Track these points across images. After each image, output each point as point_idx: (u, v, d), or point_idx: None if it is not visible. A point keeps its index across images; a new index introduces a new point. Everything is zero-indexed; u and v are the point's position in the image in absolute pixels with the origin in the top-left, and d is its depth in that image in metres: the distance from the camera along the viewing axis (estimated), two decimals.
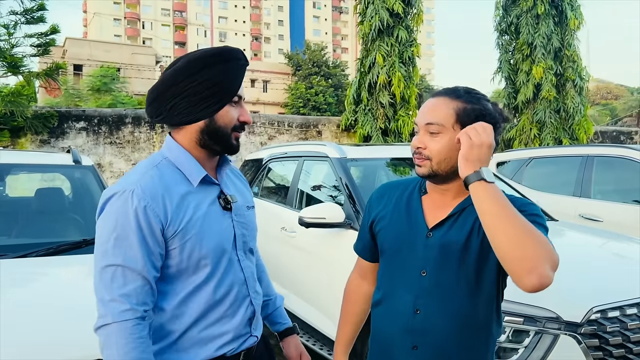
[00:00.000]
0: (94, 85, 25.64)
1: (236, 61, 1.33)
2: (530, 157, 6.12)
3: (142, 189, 1.24)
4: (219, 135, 1.33)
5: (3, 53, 6.33)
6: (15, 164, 3.43)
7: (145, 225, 1.22)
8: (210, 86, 1.29)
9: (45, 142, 8.15)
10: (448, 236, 1.33)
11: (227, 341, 1.35)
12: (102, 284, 1.21)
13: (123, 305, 1.19)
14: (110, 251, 1.21)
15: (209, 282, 1.32)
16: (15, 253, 2.63)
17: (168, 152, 1.35)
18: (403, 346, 1.37)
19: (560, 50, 10.67)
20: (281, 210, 4.29)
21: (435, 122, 1.32)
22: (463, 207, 1.34)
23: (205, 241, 1.29)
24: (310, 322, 3.61)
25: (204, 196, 1.34)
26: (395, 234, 1.41)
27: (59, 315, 2.01)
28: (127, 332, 1.18)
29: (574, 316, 2.23)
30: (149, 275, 1.23)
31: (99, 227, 1.25)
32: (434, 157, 1.32)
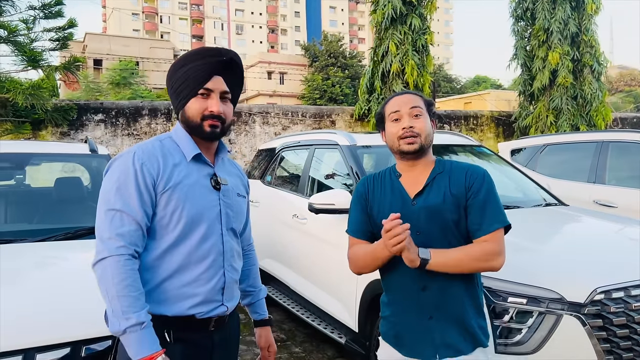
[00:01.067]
0: (114, 79, 26.04)
1: (206, 59, 1.54)
2: (545, 143, 6.07)
3: (142, 151, 1.50)
4: (189, 124, 1.56)
5: (23, 47, 6.51)
6: (34, 153, 3.57)
7: (141, 179, 1.45)
8: (181, 83, 1.55)
9: (65, 134, 8.34)
10: (428, 200, 1.71)
11: (198, 303, 1.51)
12: (103, 225, 1.43)
13: (118, 242, 1.40)
14: (112, 199, 1.44)
15: (186, 242, 1.51)
16: (34, 237, 2.75)
17: (173, 132, 1.62)
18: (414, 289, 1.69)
19: (577, 36, 10.46)
20: (293, 197, 4.37)
21: (418, 106, 1.76)
22: (433, 177, 1.75)
23: (188, 205, 1.50)
24: (321, 306, 3.69)
25: (196, 170, 1.56)
26: (389, 207, 1.73)
27: (76, 293, 2.14)
28: (120, 264, 1.39)
29: (578, 297, 2.25)
30: (142, 222, 1.45)
31: (105, 181, 1.49)
32: (422, 133, 1.72)
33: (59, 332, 1.90)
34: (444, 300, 1.67)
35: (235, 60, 1.59)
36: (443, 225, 1.68)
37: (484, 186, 1.69)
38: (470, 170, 1.72)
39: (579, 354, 2.21)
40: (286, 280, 4.30)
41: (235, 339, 1.73)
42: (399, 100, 1.78)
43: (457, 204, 1.68)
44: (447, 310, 1.67)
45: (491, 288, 2.33)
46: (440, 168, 1.76)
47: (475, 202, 1.68)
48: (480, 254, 1.63)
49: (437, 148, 4.13)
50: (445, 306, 1.67)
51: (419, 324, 1.68)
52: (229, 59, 1.57)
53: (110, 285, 1.38)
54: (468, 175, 1.71)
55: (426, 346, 1.68)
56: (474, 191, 1.68)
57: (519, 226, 3.19)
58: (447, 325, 1.67)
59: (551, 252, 2.75)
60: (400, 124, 1.74)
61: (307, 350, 4.00)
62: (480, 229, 1.66)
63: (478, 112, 12.06)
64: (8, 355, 1.79)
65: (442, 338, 1.67)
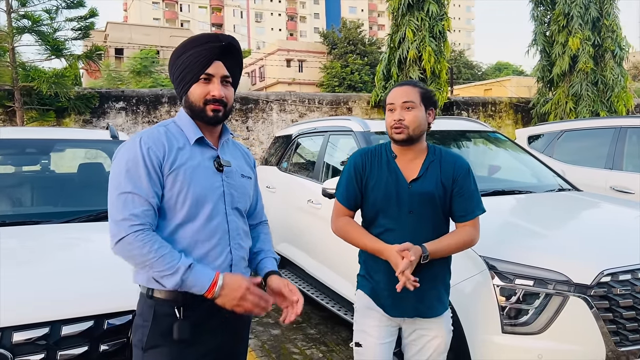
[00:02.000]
0: (135, 68, 26.34)
1: (206, 44, 1.60)
2: (562, 130, 6.02)
3: (147, 136, 1.58)
4: (193, 108, 1.62)
5: (46, 37, 6.68)
6: (57, 139, 3.71)
7: (149, 162, 1.53)
8: (182, 69, 1.61)
9: (88, 121, 8.54)
10: (423, 187, 1.98)
11: None
12: (116, 208, 1.50)
13: (132, 221, 1.48)
14: (123, 182, 1.51)
15: (193, 222, 1.58)
16: (59, 219, 2.89)
17: (177, 118, 1.69)
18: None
19: (598, 20, 10.23)
20: (308, 183, 4.44)
21: (410, 100, 1.97)
22: (427, 165, 2.00)
23: (192, 186, 1.57)
24: (335, 289, 3.78)
25: (199, 153, 1.63)
26: (385, 186, 1.99)
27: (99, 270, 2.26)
28: (140, 237, 1.47)
29: (584, 279, 2.29)
30: (153, 202, 1.53)
31: (114, 167, 1.56)
32: (410, 125, 1.96)
33: (83, 306, 2.02)
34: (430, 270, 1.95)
35: (234, 44, 1.65)
36: (433, 208, 1.98)
37: (469, 178, 2.00)
38: (457, 163, 2.01)
39: (585, 335, 2.25)
40: (301, 263, 4.39)
41: (247, 316, 1.77)
42: (395, 93, 2.01)
43: (446, 191, 1.99)
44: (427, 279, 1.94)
45: (499, 270, 2.38)
46: (432, 156, 2.02)
47: (461, 192, 1.99)
48: (466, 239, 1.97)
49: (452, 134, 4.19)
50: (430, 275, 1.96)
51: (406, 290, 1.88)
52: (227, 44, 1.62)
53: (143, 255, 1.46)
54: (456, 167, 2.00)
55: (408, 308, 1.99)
56: (460, 183, 1.98)
57: (530, 210, 3.25)
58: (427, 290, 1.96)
59: (559, 235, 2.78)
60: (393, 115, 1.98)
61: (322, 332, 4.09)
62: (465, 216, 1.99)
63: (496, 99, 11.94)
64: (36, 326, 1.91)
65: (420, 301, 1.98)
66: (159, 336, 1.54)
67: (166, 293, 1.54)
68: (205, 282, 1.50)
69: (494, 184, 3.93)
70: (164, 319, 1.54)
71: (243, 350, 1.79)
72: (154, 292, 1.56)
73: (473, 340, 2.40)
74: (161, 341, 1.53)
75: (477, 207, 2.01)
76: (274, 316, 4.42)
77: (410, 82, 2.07)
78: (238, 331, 1.73)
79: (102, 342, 2.00)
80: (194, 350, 1.57)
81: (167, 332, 1.53)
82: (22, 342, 1.88)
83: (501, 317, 2.32)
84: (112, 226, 1.49)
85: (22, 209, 3.16)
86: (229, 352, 1.69)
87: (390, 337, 2.05)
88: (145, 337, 1.54)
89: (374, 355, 2.02)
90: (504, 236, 2.75)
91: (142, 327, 1.56)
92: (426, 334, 2.03)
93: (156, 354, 1.53)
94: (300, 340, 3.91)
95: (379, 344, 2.03)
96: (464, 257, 2.50)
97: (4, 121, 7.99)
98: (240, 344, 1.77)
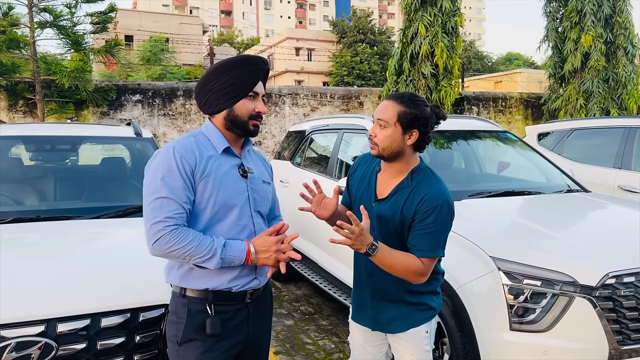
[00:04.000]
0: (144, 56, 26.37)
1: (253, 66, 1.76)
2: (572, 128, 6.07)
3: (180, 146, 1.70)
4: (237, 121, 1.76)
5: (66, 31, 6.81)
6: (86, 136, 3.86)
7: (182, 169, 1.66)
8: (230, 85, 1.73)
9: (105, 114, 8.69)
10: (383, 210, 1.94)
11: (235, 277, 1.73)
12: (152, 211, 1.62)
13: (167, 222, 1.60)
14: (159, 188, 1.63)
15: (223, 222, 1.73)
16: (90, 214, 3.04)
17: (204, 129, 1.82)
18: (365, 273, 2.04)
19: (611, 17, 10.18)
20: (322, 179, 4.54)
21: (383, 119, 1.89)
22: (397, 190, 1.93)
23: (221, 191, 1.71)
24: (347, 282, 3.89)
25: (226, 161, 1.77)
26: (360, 197, 2.03)
27: (134, 264, 2.41)
28: (175, 234, 1.60)
29: (590, 280, 2.39)
30: (185, 206, 1.65)
31: (150, 173, 1.68)
32: (380, 144, 1.90)
33: (121, 299, 2.16)
34: (384, 286, 1.98)
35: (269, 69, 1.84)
36: (389, 234, 1.93)
37: (432, 215, 1.82)
38: (427, 196, 1.84)
39: (589, 334, 2.36)
40: (314, 257, 4.51)
41: (269, 309, 1.95)
42: (379, 106, 1.95)
43: (404, 222, 1.89)
44: (385, 294, 1.99)
45: (508, 270, 2.49)
46: (408, 182, 1.91)
47: (418, 226, 1.85)
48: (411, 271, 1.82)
49: (463, 133, 4.28)
50: (384, 290, 1.99)
51: (366, 301, 2.05)
52: (267, 69, 1.81)
53: (181, 248, 1.60)
54: (423, 200, 1.84)
55: (367, 319, 2.07)
56: (421, 216, 1.84)
57: (539, 212, 3.35)
58: (384, 306, 2.01)
59: (567, 237, 2.88)
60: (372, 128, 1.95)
61: (333, 324, 4.23)
62: (414, 251, 1.85)
63: (507, 94, 11.94)
64: (78, 318, 2.06)
65: (378, 315, 2.03)
66: (193, 331, 1.69)
67: (198, 292, 1.70)
68: (242, 253, 1.68)
69: (503, 184, 4.03)
70: (197, 315, 1.70)
71: (266, 343, 1.95)
72: (187, 291, 1.72)
73: (482, 336, 2.51)
74: (195, 336, 1.69)
75: (430, 249, 1.83)
76: (287, 307, 4.57)
77: (397, 97, 1.92)
78: (262, 325, 1.88)
79: (137, 334, 2.14)
80: (224, 343, 1.72)
81: (201, 328, 1.69)
82: (66, 332, 2.02)
83: (509, 315, 2.43)
84: (148, 229, 1.61)
85: (54, 204, 3.30)
86: (254, 344, 1.84)
87: (375, 342, 2.12)
88: (180, 332, 1.70)
89: (359, 356, 2.16)
90: (513, 237, 2.86)
91: (177, 323, 1.71)
92: (398, 348, 2.04)
93: (190, 348, 1.69)
94: (312, 331, 4.06)
95: (362, 346, 2.14)
96: (473, 258, 2.64)
97: (25, 113, 8.15)
98: (264, 337, 1.92)
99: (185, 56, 31.11)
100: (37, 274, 2.31)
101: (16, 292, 2.11)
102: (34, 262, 2.49)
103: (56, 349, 1.99)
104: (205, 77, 1.77)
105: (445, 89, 9.61)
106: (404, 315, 1.99)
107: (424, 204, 1.84)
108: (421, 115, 1.88)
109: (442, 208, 1.84)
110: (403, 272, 1.83)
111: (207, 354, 1.69)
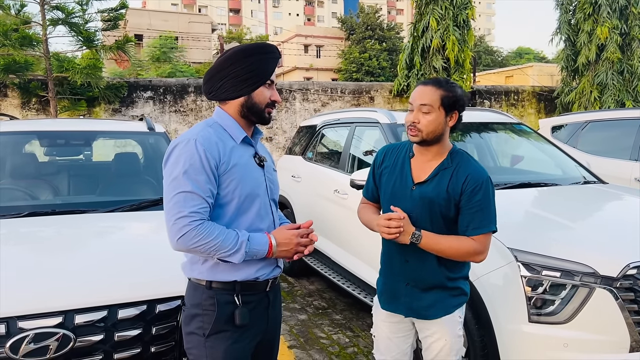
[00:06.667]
0: (154, 54, 26.50)
1: (271, 54, 1.74)
2: (587, 120, 6.01)
3: (202, 138, 1.64)
4: (255, 108, 1.73)
5: (78, 28, 6.85)
6: (100, 131, 3.88)
7: (205, 163, 1.61)
8: (249, 71, 1.69)
9: (117, 110, 8.74)
10: (426, 191, 1.95)
11: (261, 267, 1.74)
12: (175, 205, 1.58)
13: (193, 217, 1.57)
14: (182, 182, 1.59)
15: (248, 213, 1.72)
16: (105, 208, 3.05)
17: (218, 118, 1.76)
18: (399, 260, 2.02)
19: (626, 8, 10.03)
20: (334, 173, 4.53)
21: (427, 104, 1.91)
22: (438, 171, 1.96)
23: (244, 182, 1.70)
24: (361, 276, 3.88)
25: (245, 151, 1.76)
26: (392, 185, 2.03)
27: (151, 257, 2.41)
28: (200, 229, 1.57)
29: (610, 271, 2.35)
30: (209, 200, 1.62)
31: (170, 166, 1.63)
32: (424, 129, 1.92)
33: (138, 291, 2.17)
34: (420, 272, 1.98)
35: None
36: (432, 215, 1.94)
37: (480, 193, 1.89)
38: (471, 175, 1.90)
39: (610, 325, 2.32)
40: (327, 251, 4.50)
41: (280, 299, 1.96)
42: (416, 93, 1.96)
43: (450, 201, 1.91)
44: (421, 280, 1.99)
45: (526, 261, 2.46)
46: (448, 163, 1.96)
47: (468, 205, 1.90)
48: (467, 249, 1.89)
49: (476, 126, 4.24)
50: (420, 276, 1.99)
51: (399, 288, 2.04)
52: (280, 58, 1.80)
53: (207, 244, 1.57)
54: (468, 180, 1.90)
55: (401, 307, 2.05)
56: (468, 195, 1.89)
57: (556, 203, 3.31)
58: (419, 292, 2.00)
59: (586, 228, 2.84)
60: (411, 116, 1.95)
61: (347, 318, 4.22)
62: (467, 230, 1.91)
63: (519, 88, 11.83)
64: (96, 310, 2.06)
65: (412, 302, 2.02)
66: (222, 323, 1.67)
67: (224, 283, 1.69)
68: (265, 246, 1.68)
69: (520, 176, 3.99)
70: (225, 306, 1.68)
71: (279, 332, 1.95)
72: (213, 283, 1.69)
73: (500, 329, 2.48)
74: (224, 327, 1.68)
75: (483, 225, 1.90)
76: (301, 302, 4.57)
77: (435, 82, 1.97)
78: (276, 315, 1.89)
79: (154, 325, 2.14)
80: (249, 333, 1.72)
81: (230, 319, 1.68)
82: (83, 324, 2.03)
83: (528, 307, 2.40)
84: (172, 224, 1.57)
85: (68, 199, 3.32)
86: (271, 334, 1.85)
87: (402, 332, 2.11)
88: (207, 324, 1.67)
89: (384, 348, 2.14)
90: (531, 228, 2.82)
91: (203, 315, 1.68)
92: (429, 335, 2.03)
93: (219, 339, 1.67)
94: (326, 326, 4.05)
95: (388, 338, 2.11)
96: (491, 249, 2.59)
97: (38, 110, 8.22)
98: (278, 327, 1.94)
99: (195, 54, 31.22)
100: (54, 266, 2.32)
101: (33, 284, 2.12)
102: (50, 254, 2.50)
103: (74, 340, 1.99)
104: (221, 62, 1.72)
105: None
106: (440, 300, 2.00)
107: (468, 183, 1.89)
108: (460, 97, 1.96)
109: (487, 185, 1.91)
110: (457, 254, 1.90)
111: (236, 344, 1.69)
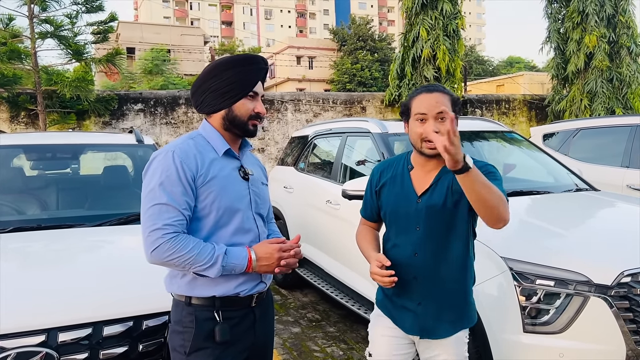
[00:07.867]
0: (146, 67, 26.50)
1: (253, 65, 1.72)
2: (578, 128, 6.02)
3: (180, 150, 1.63)
4: (236, 121, 1.71)
5: (67, 41, 6.82)
6: (87, 144, 3.82)
7: (182, 174, 1.60)
8: (229, 84, 1.68)
9: (107, 123, 8.69)
10: (431, 200, 1.85)
11: (242, 282, 1.69)
12: (150, 218, 1.57)
13: (166, 230, 1.55)
14: (158, 194, 1.57)
15: (227, 227, 1.68)
16: (91, 222, 3.00)
17: (202, 130, 1.76)
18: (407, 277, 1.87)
19: (613, 17, 10.16)
20: (326, 184, 4.50)
21: (444, 111, 1.76)
22: (438, 178, 1.86)
23: (223, 195, 1.66)
24: (354, 287, 3.84)
25: (227, 164, 1.73)
26: (395, 200, 1.93)
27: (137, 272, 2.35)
28: (174, 242, 1.55)
29: (605, 279, 2.32)
30: (185, 213, 1.60)
31: (147, 178, 1.62)
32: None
33: (124, 307, 2.11)
34: (431, 289, 1.87)
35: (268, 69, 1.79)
36: (442, 223, 1.83)
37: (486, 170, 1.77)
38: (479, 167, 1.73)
39: (606, 334, 2.29)
40: (320, 263, 4.46)
41: (272, 313, 1.91)
42: (427, 102, 1.80)
43: (459, 199, 1.80)
44: (433, 299, 1.87)
45: (519, 270, 2.43)
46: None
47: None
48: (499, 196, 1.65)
49: (467, 134, 4.23)
50: (431, 293, 1.87)
51: (409, 307, 1.90)
52: (267, 69, 1.77)
53: (181, 257, 1.54)
54: None
55: (413, 326, 1.91)
56: None
57: (549, 211, 3.29)
58: (432, 311, 1.88)
59: (579, 236, 2.81)
60: (426, 126, 1.79)
61: (341, 330, 4.17)
62: None
63: (510, 96, 11.90)
64: (80, 327, 2.01)
65: (425, 322, 1.88)
66: (202, 340, 1.63)
67: (204, 299, 1.65)
68: (243, 260, 1.63)
69: (512, 184, 3.97)
70: (205, 323, 1.64)
71: (270, 347, 1.90)
72: (192, 299, 1.65)
73: (495, 339, 2.45)
74: (204, 344, 1.63)
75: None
76: (294, 315, 4.51)
77: (438, 88, 1.86)
78: (266, 330, 1.84)
79: (141, 342, 2.09)
80: (233, 349, 1.67)
81: (209, 335, 1.63)
82: (68, 342, 1.97)
83: (522, 316, 2.37)
84: (146, 236, 1.56)
85: (55, 213, 3.26)
86: (259, 350, 1.79)
87: (401, 350, 1.96)
88: (187, 341, 1.63)
89: None
90: (524, 237, 2.79)
91: (183, 332, 1.65)
92: (434, 356, 1.92)
93: (200, 356, 1.63)
94: (320, 338, 3.99)
95: (387, 356, 1.96)
96: (484, 258, 2.57)
97: (27, 124, 8.16)
98: (269, 342, 1.88)
99: (188, 67, 31.24)
100: (38, 282, 2.26)
101: (16, 302, 2.07)
102: (35, 270, 2.44)
103: (57, 359, 1.94)
104: (203, 75, 1.72)
105: None
106: (451, 318, 1.90)
107: None
108: (458, 99, 1.92)
109: (492, 168, 1.84)
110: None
111: None
